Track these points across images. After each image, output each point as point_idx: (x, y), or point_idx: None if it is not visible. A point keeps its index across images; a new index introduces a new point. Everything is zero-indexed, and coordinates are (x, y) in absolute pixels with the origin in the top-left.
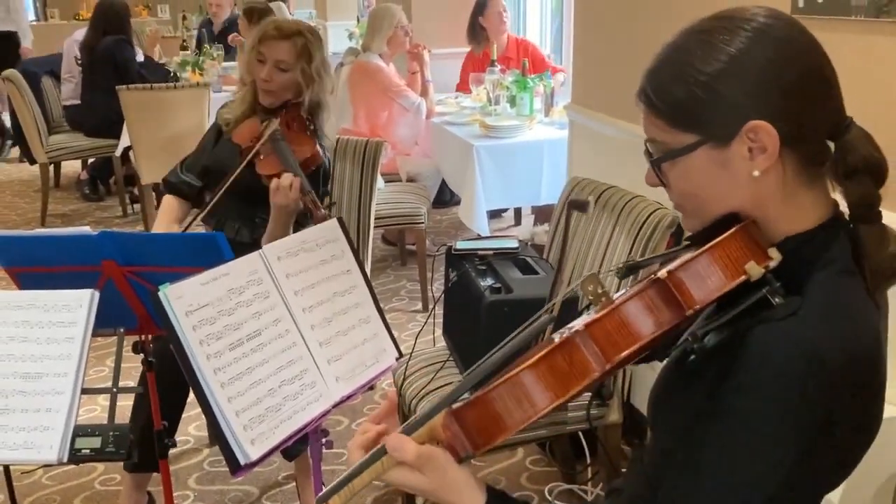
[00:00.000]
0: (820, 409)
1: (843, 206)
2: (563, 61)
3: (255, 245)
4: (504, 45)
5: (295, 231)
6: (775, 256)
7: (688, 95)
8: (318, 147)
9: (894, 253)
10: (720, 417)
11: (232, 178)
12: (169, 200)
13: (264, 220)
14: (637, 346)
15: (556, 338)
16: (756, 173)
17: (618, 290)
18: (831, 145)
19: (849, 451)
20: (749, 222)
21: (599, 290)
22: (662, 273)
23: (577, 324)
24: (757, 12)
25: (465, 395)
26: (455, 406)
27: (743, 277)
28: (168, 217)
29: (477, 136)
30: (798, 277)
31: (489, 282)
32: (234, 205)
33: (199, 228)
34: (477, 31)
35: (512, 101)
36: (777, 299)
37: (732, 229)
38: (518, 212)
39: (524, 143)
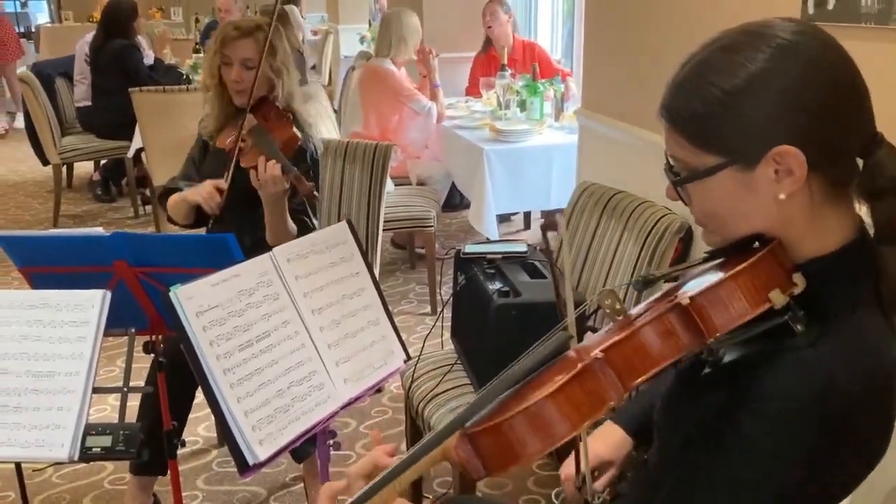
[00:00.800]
0: (831, 440)
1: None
2: (574, 65)
3: (255, 248)
4: (511, 48)
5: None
6: (800, 283)
7: (711, 115)
8: (294, 130)
9: None
10: (730, 439)
11: (229, 176)
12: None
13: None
14: (654, 372)
15: (573, 354)
16: (782, 196)
17: (635, 301)
18: (860, 162)
19: (854, 474)
20: (776, 245)
21: (618, 306)
22: (684, 299)
23: (595, 343)
24: (785, 28)
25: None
26: (469, 429)
27: (767, 306)
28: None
29: (487, 139)
30: (821, 303)
31: (497, 285)
32: (232, 211)
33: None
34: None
35: (522, 105)
36: (799, 327)
37: (759, 254)
38: (527, 216)
39: (534, 148)
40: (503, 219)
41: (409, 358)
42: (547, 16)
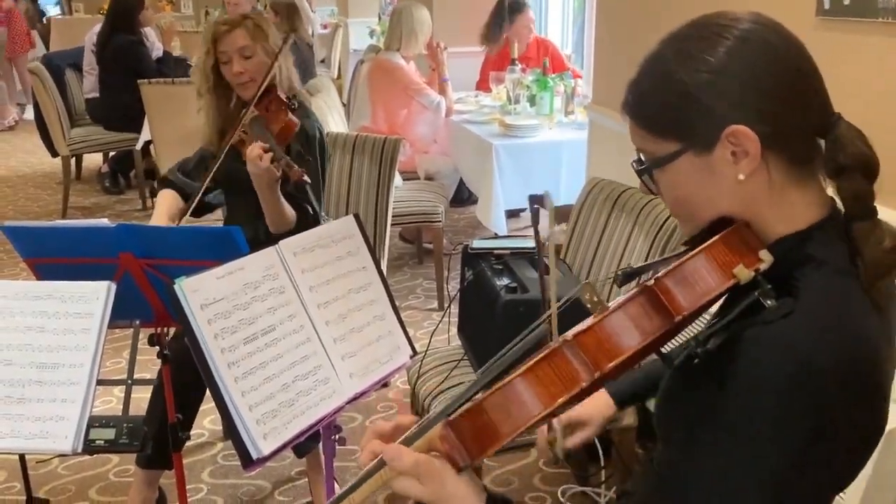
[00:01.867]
0: (812, 417)
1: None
2: (585, 61)
3: (269, 241)
4: (525, 45)
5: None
6: (766, 259)
7: (667, 104)
8: (290, 116)
9: (889, 248)
10: (712, 424)
11: (216, 166)
12: (169, 195)
13: None
14: (627, 355)
15: (552, 342)
16: (741, 177)
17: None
18: (822, 143)
19: (852, 456)
20: (739, 225)
21: (595, 299)
22: (650, 281)
23: (570, 332)
24: (738, 17)
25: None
26: (451, 417)
27: (732, 282)
28: (168, 210)
29: (496, 134)
30: (792, 279)
31: (505, 281)
32: (242, 205)
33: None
34: (494, 34)
35: (532, 100)
36: (769, 302)
37: (721, 233)
38: (536, 212)
39: (543, 143)
40: (511, 214)
41: (415, 353)
42: (558, 12)
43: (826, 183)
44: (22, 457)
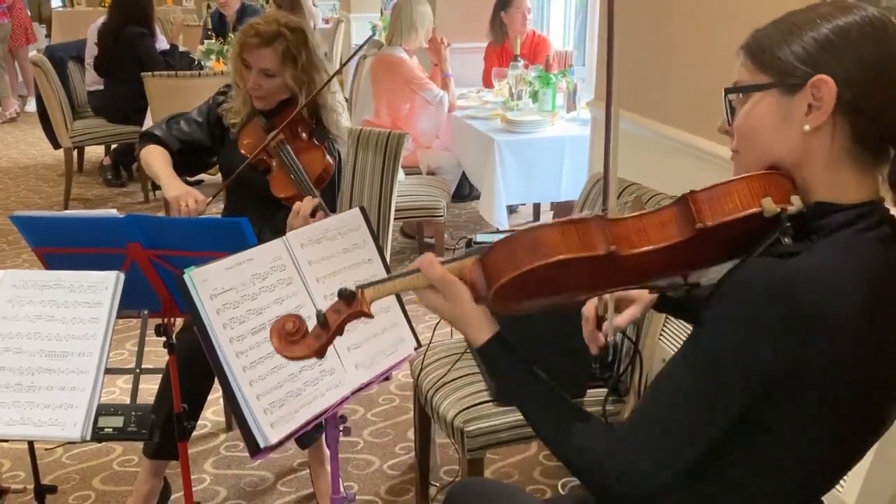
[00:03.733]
0: (784, 349)
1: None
2: (586, 58)
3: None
4: (523, 37)
5: None
6: (796, 203)
7: (778, 44)
8: (327, 157)
9: None
10: (695, 332)
11: (233, 177)
12: (157, 151)
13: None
14: (648, 249)
15: (587, 214)
16: (807, 128)
17: None
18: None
19: (842, 412)
20: (783, 173)
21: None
22: (688, 191)
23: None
24: (875, 10)
25: None
26: (484, 254)
27: (757, 209)
28: (167, 164)
29: (498, 130)
30: (817, 237)
31: None
32: (254, 206)
33: None
34: (497, 26)
35: (534, 96)
36: (786, 240)
37: (762, 171)
38: (537, 207)
39: (545, 139)
40: (511, 210)
41: (419, 345)
42: (560, 8)
43: (885, 189)
44: (31, 444)
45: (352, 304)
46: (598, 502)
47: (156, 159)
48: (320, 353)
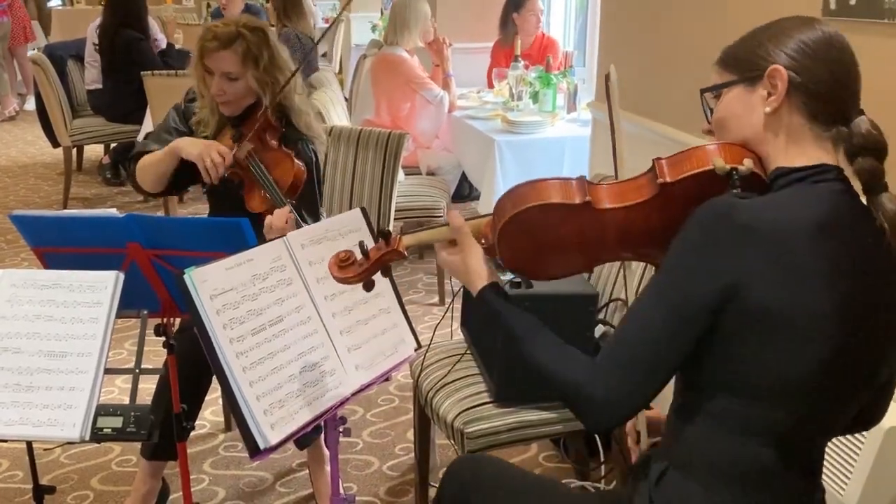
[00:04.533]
0: (727, 263)
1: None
2: (586, 59)
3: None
4: (529, 43)
5: None
6: (747, 164)
7: (742, 49)
8: (297, 164)
9: None
10: (658, 268)
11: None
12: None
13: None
14: (624, 205)
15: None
16: (767, 109)
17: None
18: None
19: (768, 332)
20: (742, 143)
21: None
22: (656, 157)
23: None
24: (830, 26)
25: None
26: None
27: (709, 167)
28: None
29: (498, 130)
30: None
31: (509, 276)
32: (228, 212)
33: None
34: (508, 24)
35: (534, 96)
36: (736, 190)
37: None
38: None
39: (546, 140)
40: None
41: (419, 346)
42: (560, 10)
43: (842, 160)
44: (29, 444)
45: (389, 243)
46: (585, 426)
47: (146, 159)
48: (363, 278)
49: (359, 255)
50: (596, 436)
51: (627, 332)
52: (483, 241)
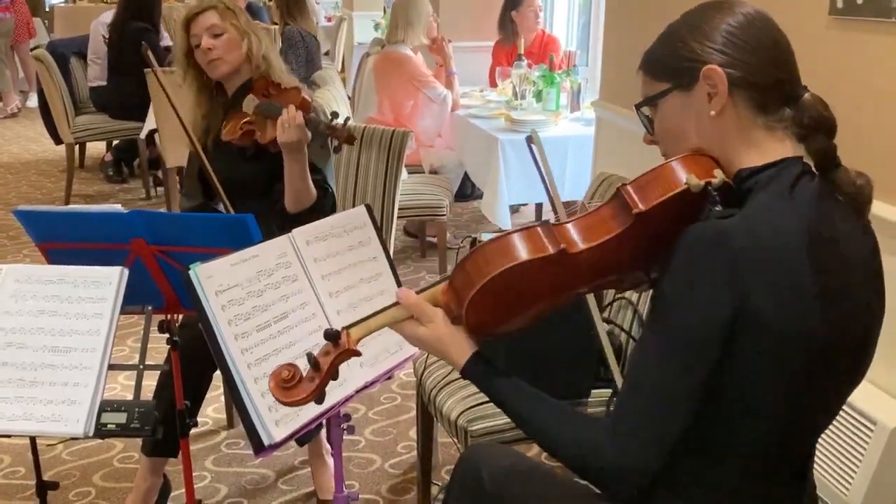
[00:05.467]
0: (729, 288)
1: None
2: (589, 58)
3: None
4: (530, 41)
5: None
6: (718, 176)
7: (665, 53)
8: (304, 94)
9: (863, 183)
10: (652, 306)
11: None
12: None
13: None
14: (597, 243)
15: (534, 224)
16: (713, 113)
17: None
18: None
19: (761, 351)
20: (700, 151)
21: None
22: (620, 185)
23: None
24: (743, 3)
25: None
26: (451, 278)
27: (683, 187)
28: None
29: (502, 129)
30: (746, 200)
31: None
32: (245, 207)
33: None
34: (507, 24)
35: (538, 95)
36: (716, 208)
37: (683, 154)
38: (539, 207)
39: (549, 139)
40: (513, 209)
41: None
42: (563, 8)
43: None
44: (33, 440)
45: (338, 344)
46: (609, 495)
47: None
48: (317, 396)
49: (305, 370)
50: None
51: (639, 388)
52: (447, 313)
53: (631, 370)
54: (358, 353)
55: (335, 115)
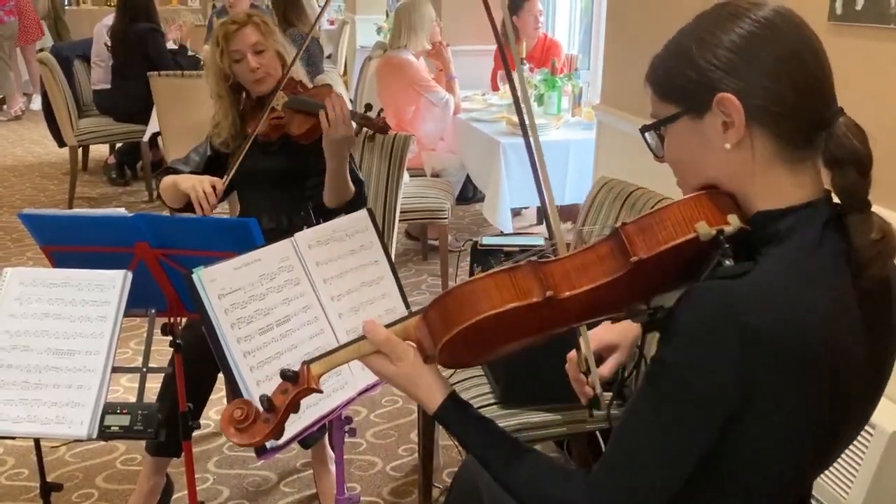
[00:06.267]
0: (742, 372)
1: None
2: (591, 62)
3: (291, 232)
4: (534, 40)
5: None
6: (733, 223)
7: (674, 71)
8: (334, 90)
9: (876, 239)
10: (650, 369)
11: (244, 152)
12: (170, 176)
13: (299, 204)
14: (589, 288)
15: (520, 261)
16: (727, 146)
17: None
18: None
19: (777, 443)
20: (716, 191)
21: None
22: (619, 224)
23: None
24: (758, 4)
25: None
26: (426, 311)
27: (692, 235)
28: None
29: (503, 133)
30: (762, 250)
31: None
32: (268, 196)
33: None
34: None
35: (539, 99)
36: (727, 262)
37: (695, 193)
38: (540, 210)
39: (550, 142)
40: (515, 213)
41: None
42: (565, 13)
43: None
44: (37, 442)
45: (297, 382)
46: None
47: (167, 180)
48: (274, 435)
49: (260, 410)
50: (599, 438)
51: (622, 451)
52: (420, 349)
53: (619, 438)
54: (318, 391)
55: (368, 107)
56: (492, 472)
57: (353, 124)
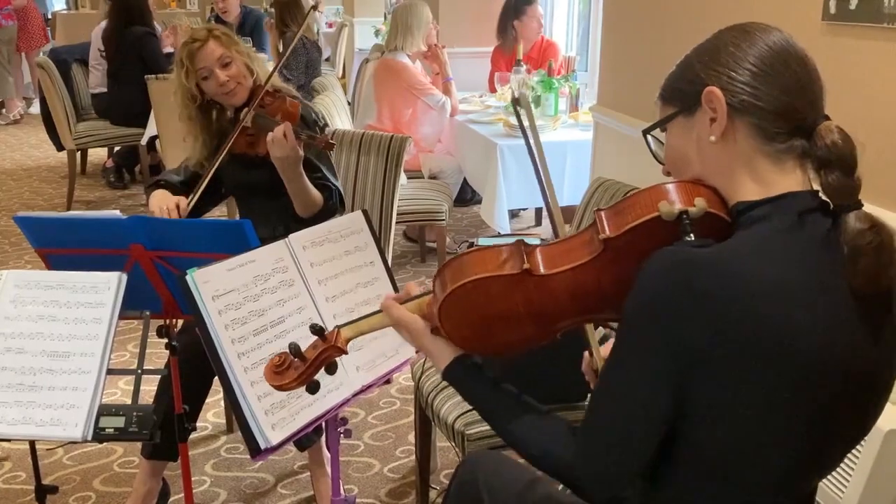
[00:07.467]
0: (690, 327)
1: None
2: (589, 64)
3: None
4: (529, 47)
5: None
6: (699, 205)
7: (677, 78)
8: (289, 101)
9: (869, 239)
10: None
11: (213, 168)
12: (160, 190)
13: (293, 211)
14: (569, 266)
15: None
16: (713, 138)
17: None
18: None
19: (749, 408)
20: (692, 180)
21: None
22: (596, 209)
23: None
24: (763, 27)
25: None
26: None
27: (655, 213)
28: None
29: (500, 134)
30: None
31: None
32: (261, 207)
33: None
34: (507, 30)
35: (537, 101)
36: (689, 237)
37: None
38: (539, 212)
39: (548, 144)
40: (512, 214)
41: None
42: (563, 15)
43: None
44: (32, 444)
45: (326, 339)
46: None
47: (153, 194)
48: (303, 381)
49: (293, 357)
50: None
51: (602, 408)
52: (431, 322)
53: (595, 396)
54: (345, 352)
55: (320, 125)
56: (494, 427)
57: (300, 145)
